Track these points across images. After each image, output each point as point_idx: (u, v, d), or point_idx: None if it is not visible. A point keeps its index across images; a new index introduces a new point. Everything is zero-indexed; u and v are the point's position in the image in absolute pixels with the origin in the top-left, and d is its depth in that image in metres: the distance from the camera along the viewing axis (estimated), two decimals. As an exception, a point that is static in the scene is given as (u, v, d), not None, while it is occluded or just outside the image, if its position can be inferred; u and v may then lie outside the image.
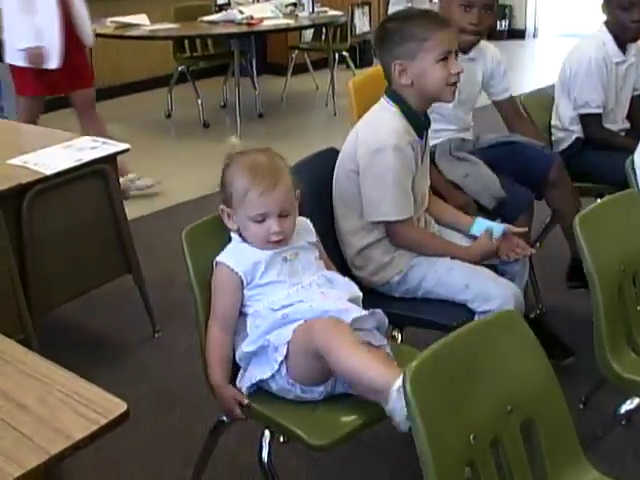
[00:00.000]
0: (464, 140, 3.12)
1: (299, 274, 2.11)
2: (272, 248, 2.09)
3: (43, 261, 2.92)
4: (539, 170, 3.03)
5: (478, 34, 3.03)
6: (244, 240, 2.13)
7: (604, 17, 3.41)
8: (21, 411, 1.50)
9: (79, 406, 1.50)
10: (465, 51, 3.01)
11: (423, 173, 2.52)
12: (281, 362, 1.99)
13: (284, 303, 2.06)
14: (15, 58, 4.47)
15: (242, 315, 2.11)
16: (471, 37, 3.00)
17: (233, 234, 2.15)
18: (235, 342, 2.11)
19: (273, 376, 2.01)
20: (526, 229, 2.58)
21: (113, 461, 2.64)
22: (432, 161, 2.81)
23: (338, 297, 2.08)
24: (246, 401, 2.05)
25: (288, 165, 2.15)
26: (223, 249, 2.14)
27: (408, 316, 2.42)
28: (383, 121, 2.42)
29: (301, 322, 2.00)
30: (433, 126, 2.57)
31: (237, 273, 2.08)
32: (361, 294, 2.18)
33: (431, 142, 2.80)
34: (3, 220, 2.71)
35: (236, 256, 2.10)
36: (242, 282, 2.08)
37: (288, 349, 1.98)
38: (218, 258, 2.11)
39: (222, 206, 2.14)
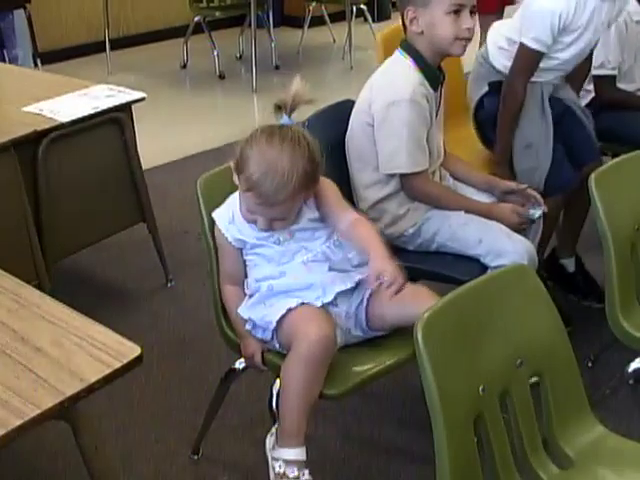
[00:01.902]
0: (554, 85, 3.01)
1: (291, 254, 2.07)
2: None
3: (58, 208, 2.93)
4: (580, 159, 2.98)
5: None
6: None
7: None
8: (37, 354, 1.53)
9: (94, 349, 1.53)
10: None
11: (438, 126, 2.51)
12: (272, 336, 2.04)
13: (269, 275, 2.07)
14: None
15: None
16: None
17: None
18: None
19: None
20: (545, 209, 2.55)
21: (125, 407, 2.68)
22: None
23: (323, 271, 2.06)
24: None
25: (310, 153, 1.97)
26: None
27: (421, 269, 2.42)
28: (398, 74, 2.40)
29: (287, 302, 2.00)
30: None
31: (227, 238, 2.09)
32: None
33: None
34: (19, 167, 2.72)
35: (228, 220, 2.09)
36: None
37: (276, 328, 2.02)
38: (214, 214, 2.10)
39: (232, 164, 2.03)
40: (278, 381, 2.07)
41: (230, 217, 2.08)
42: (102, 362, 1.49)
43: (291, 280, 2.04)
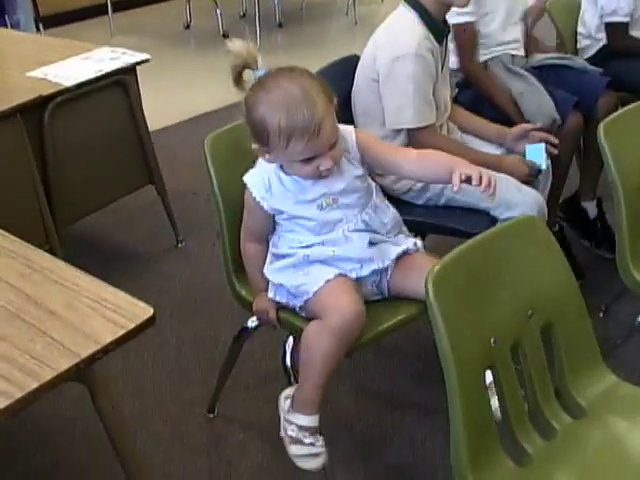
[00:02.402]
0: (514, 56, 3.04)
1: (332, 224, 1.96)
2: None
3: (66, 172, 2.93)
4: (589, 96, 2.95)
5: None
6: (282, 169, 1.94)
7: None
8: (51, 317, 1.54)
9: (107, 311, 1.54)
10: None
11: (444, 80, 2.49)
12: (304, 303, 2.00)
13: (306, 243, 1.98)
14: None
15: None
16: None
17: None
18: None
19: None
20: (556, 141, 2.54)
21: (140, 368, 2.71)
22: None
23: (363, 244, 1.98)
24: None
25: (316, 77, 1.86)
26: (246, 158, 2.13)
27: (430, 224, 2.42)
28: (402, 28, 2.38)
29: (325, 272, 1.94)
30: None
31: (263, 206, 1.96)
32: (399, 223, 2.10)
33: (481, 58, 2.85)
34: (25, 133, 2.72)
35: (265, 189, 1.95)
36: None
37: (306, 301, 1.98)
38: (245, 179, 1.98)
39: (255, 146, 1.89)
40: (291, 338, 2.08)
41: (266, 185, 1.95)
42: (116, 323, 1.50)
43: (329, 252, 1.96)
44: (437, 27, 2.38)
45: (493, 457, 1.53)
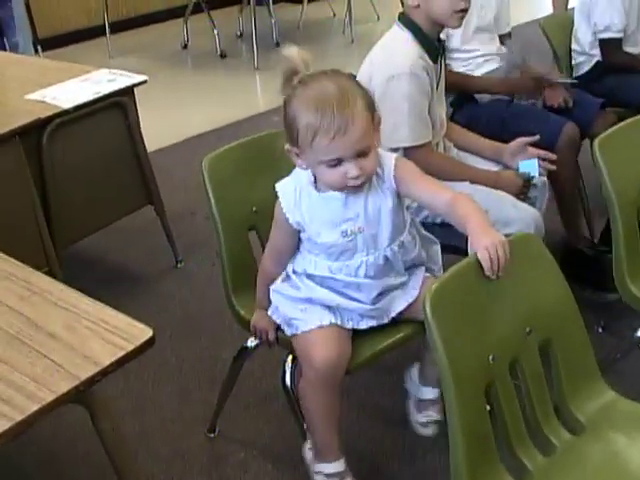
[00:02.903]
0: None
1: (352, 252, 1.90)
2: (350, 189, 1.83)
3: (65, 194, 2.94)
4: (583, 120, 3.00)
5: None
6: (314, 185, 1.88)
7: None
8: (50, 339, 1.55)
9: (106, 333, 1.54)
10: None
11: (440, 98, 2.51)
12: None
13: (319, 273, 1.94)
14: None
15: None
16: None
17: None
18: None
19: None
20: (554, 157, 2.55)
21: (140, 388, 2.71)
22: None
23: (369, 297, 1.95)
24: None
25: (362, 87, 1.80)
26: (245, 178, 2.13)
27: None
28: (397, 47, 2.40)
29: (321, 316, 1.93)
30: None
31: (288, 219, 1.90)
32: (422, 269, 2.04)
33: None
34: (24, 155, 2.73)
35: (294, 202, 1.89)
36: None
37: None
38: (277, 186, 1.92)
39: (287, 146, 1.82)
40: (290, 357, 2.08)
41: (296, 197, 1.88)
42: (115, 345, 1.51)
43: (333, 302, 1.94)
44: (431, 45, 2.40)
45: (493, 473, 1.53)
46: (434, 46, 2.41)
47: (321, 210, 1.87)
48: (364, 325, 1.98)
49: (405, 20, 2.39)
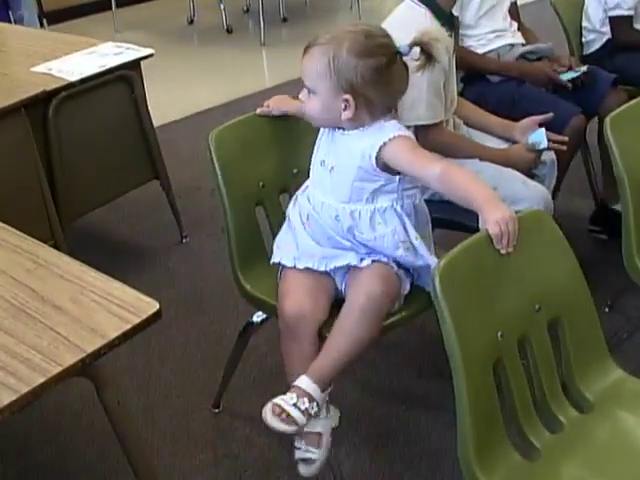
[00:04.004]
0: (512, 45, 3.08)
1: (325, 189, 1.99)
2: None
3: (70, 168, 2.93)
4: (595, 96, 2.99)
5: None
6: None
7: None
8: (56, 312, 1.54)
9: (112, 306, 1.53)
10: None
11: (453, 74, 2.48)
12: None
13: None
14: None
15: None
16: None
17: None
18: None
19: None
20: (566, 139, 2.53)
21: (146, 363, 2.71)
22: None
23: (320, 237, 2.01)
24: None
25: (362, 56, 1.83)
26: (251, 153, 2.12)
27: (435, 218, 2.40)
28: (414, 22, 2.35)
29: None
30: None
31: None
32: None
33: (480, 50, 2.92)
34: (30, 128, 2.72)
35: None
36: None
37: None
38: None
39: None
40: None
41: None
42: (121, 318, 1.50)
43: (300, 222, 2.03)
44: (447, 20, 2.37)
45: (500, 450, 1.53)
46: (450, 21, 2.38)
47: (321, 137, 2.02)
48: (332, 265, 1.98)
49: None
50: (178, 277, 3.22)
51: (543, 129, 2.47)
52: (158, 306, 1.53)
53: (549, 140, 2.43)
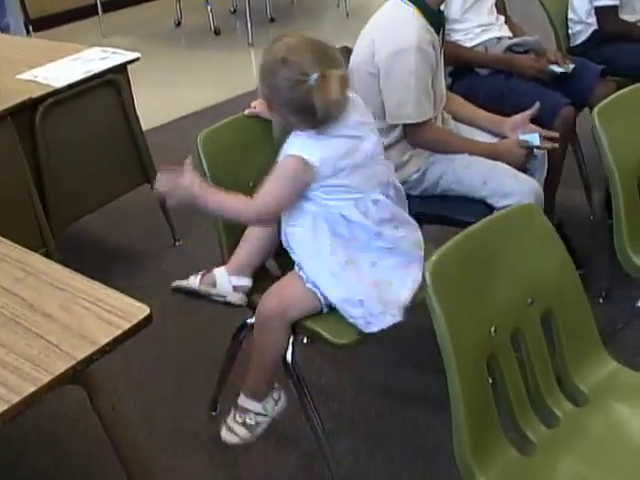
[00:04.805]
0: (499, 39, 3.07)
1: None
2: None
3: (60, 174, 2.92)
4: (583, 87, 2.99)
5: None
6: None
7: None
8: (46, 320, 1.54)
9: (103, 312, 1.53)
10: None
11: (441, 71, 2.48)
12: None
13: None
14: None
15: None
16: None
17: None
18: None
19: None
20: (556, 135, 2.53)
21: (141, 367, 2.70)
22: None
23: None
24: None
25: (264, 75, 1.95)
26: (240, 154, 2.12)
27: (427, 214, 2.41)
28: (402, 21, 2.35)
29: None
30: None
31: None
32: None
33: (468, 44, 2.94)
34: (17, 136, 2.70)
35: None
36: None
37: None
38: None
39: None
40: (292, 336, 2.07)
41: None
42: (112, 324, 1.49)
43: None
44: (435, 17, 2.36)
45: (496, 446, 1.52)
46: (437, 18, 2.37)
47: None
48: None
49: None
50: (172, 280, 3.18)
51: (537, 133, 2.46)
52: (149, 310, 1.53)
53: (541, 139, 2.43)
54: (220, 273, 2.14)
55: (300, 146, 1.92)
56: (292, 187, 1.94)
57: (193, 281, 2.19)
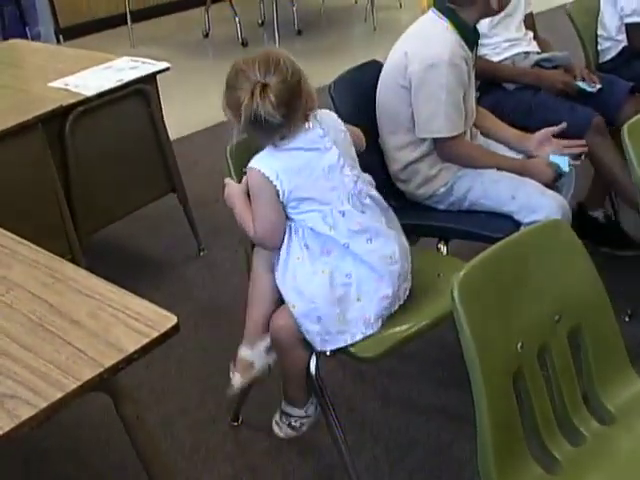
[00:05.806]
0: (527, 53, 3.07)
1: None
2: None
3: (87, 182, 2.94)
4: (612, 104, 2.97)
5: None
6: None
7: None
8: (74, 327, 1.54)
9: (130, 320, 1.53)
10: None
11: (472, 87, 2.48)
12: None
13: None
14: None
15: None
16: None
17: None
18: None
19: None
20: (585, 149, 2.52)
21: (164, 376, 2.70)
22: None
23: None
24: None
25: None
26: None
27: (454, 228, 2.41)
28: (436, 35, 2.36)
29: None
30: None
31: None
32: None
33: (495, 58, 2.93)
34: (47, 143, 2.73)
35: None
36: None
37: None
38: None
39: None
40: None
41: None
42: (139, 332, 1.50)
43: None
44: (470, 34, 2.37)
45: (521, 463, 1.51)
46: (472, 34, 2.38)
47: None
48: None
49: (445, 9, 2.36)
50: (196, 289, 3.22)
51: (567, 157, 2.45)
52: (176, 320, 1.53)
53: (571, 166, 2.43)
54: (248, 354, 2.10)
55: (259, 158, 1.99)
56: (267, 200, 1.97)
57: (236, 381, 2.14)
